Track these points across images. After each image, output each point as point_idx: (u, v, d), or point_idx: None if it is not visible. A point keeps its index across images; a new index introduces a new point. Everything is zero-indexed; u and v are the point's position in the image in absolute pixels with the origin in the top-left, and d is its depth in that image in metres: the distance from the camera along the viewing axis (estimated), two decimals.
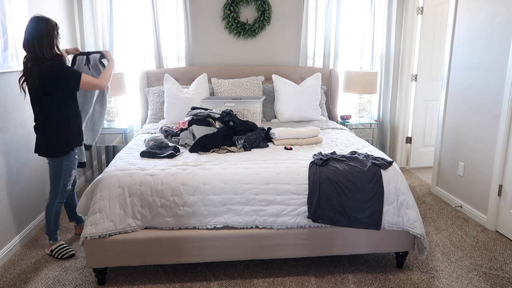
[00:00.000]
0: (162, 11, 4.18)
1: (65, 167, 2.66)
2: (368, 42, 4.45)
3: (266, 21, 4.30)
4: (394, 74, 4.56)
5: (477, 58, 3.30)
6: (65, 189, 2.72)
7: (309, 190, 2.41)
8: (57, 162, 2.64)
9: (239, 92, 4.00)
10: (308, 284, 2.46)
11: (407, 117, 4.67)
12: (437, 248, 2.89)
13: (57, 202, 2.72)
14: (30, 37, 2.43)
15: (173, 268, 2.62)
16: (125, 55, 4.33)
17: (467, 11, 3.42)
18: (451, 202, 3.67)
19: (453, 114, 3.64)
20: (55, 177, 2.67)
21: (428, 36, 4.38)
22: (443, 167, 3.84)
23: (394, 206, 2.45)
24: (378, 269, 2.62)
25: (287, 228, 2.43)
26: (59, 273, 2.58)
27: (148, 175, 2.43)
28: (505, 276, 2.55)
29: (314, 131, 3.16)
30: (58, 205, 2.73)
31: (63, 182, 2.69)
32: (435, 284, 2.46)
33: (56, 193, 2.70)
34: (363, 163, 2.56)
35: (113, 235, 2.34)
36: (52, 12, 3.55)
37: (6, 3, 2.77)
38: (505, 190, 3.04)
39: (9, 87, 2.83)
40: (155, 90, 4.09)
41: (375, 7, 4.37)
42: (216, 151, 2.86)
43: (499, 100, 3.05)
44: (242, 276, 2.54)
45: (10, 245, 2.80)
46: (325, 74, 4.37)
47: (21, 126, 2.99)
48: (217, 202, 2.39)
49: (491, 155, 3.16)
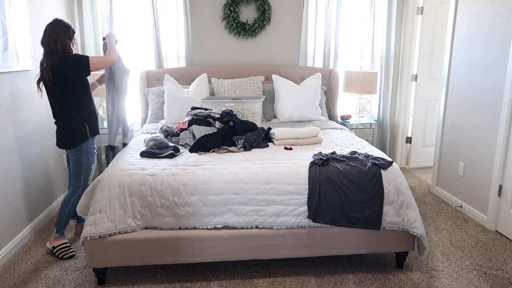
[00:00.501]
0: (162, 11, 4.18)
1: (85, 161, 2.74)
2: (368, 42, 4.45)
3: (266, 21, 4.30)
4: (394, 74, 4.56)
5: (477, 58, 3.30)
6: (86, 183, 2.78)
7: (309, 190, 2.41)
8: (77, 155, 2.71)
9: (239, 92, 4.00)
10: (308, 284, 2.46)
11: (407, 117, 4.67)
12: (437, 248, 2.89)
13: (76, 196, 2.77)
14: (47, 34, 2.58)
15: (173, 268, 2.62)
16: (125, 55, 4.32)
17: (467, 11, 3.42)
18: (451, 202, 3.67)
19: (453, 114, 3.65)
20: (76, 171, 2.75)
21: (428, 36, 4.38)
22: (443, 167, 3.84)
23: (394, 206, 2.45)
24: (378, 269, 2.62)
25: (287, 228, 2.43)
26: (59, 273, 2.58)
27: (148, 175, 2.43)
28: (505, 276, 2.55)
29: (314, 131, 3.16)
30: (76, 199, 2.76)
31: (84, 176, 2.77)
32: (435, 284, 2.46)
33: (77, 187, 2.77)
34: (363, 163, 2.56)
35: (113, 235, 2.34)
36: (52, 12, 3.55)
37: (6, 3, 2.76)
38: (505, 190, 3.04)
39: (9, 87, 2.83)
40: (155, 90, 4.09)
41: (375, 7, 4.37)
42: (216, 151, 2.86)
43: (499, 100, 3.05)
44: (242, 276, 2.54)
45: (10, 245, 2.80)
46: (325, 74, 4.37)
47: (27, 123, 2.99)
48: (217, 202, 2.39)
49: (491, 155, 3.16)
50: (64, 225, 2.80)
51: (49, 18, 2.66)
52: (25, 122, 3.05)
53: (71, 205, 2.77)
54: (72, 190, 2.78)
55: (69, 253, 2.77)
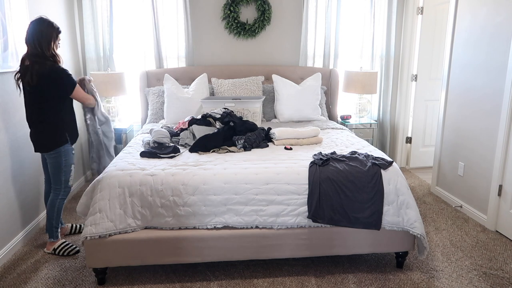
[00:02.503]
0: (162, 11, 4.18)
1: (64, 162, 2.71)
2: (368, 42, 4.45)
3: (266, 21, 4.30)
4: (394, 74, 4.56)
5: (477, 58, 3.30)
6: (67, 184, 2.77)
7: (309, 190, 2.41)
8: (55, 158, 2.68)
9: (239, 92, 4.00)
10: (308, 284, 2.46)
11: (407, 117, 4.67)
12: (437, 248, 2.89)
13: (59, 198, 2.76)
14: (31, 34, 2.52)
15: (173, 268, 2.62)
16: (125, 55, 4.33)
17: (467, 11, 3.42)
18: (451, 202, 3.67)
19: (453, 114, 3.65)
20: (56, 173, 2.72)
21: (428, 36, 4.37)
22: (443, 167, 3.84)
23: (394, 206, 2.45)
24: (378, 269, 2.62)
25: (287, 228, 2.43)
26: (59, 273, 2.58)
27: (148, 175, 2.43)
28: (505, 276, 2.55)
29: (314, 131, 3.16)
30: (60, 201, 2.77)
31: (64, 178, 2.74)
32: (435, 284, 2.46)
33: (59, 189, 2.75)
34: (363, 163, 2.56)
35: (113, 235, 2.34)
36: (52, 12, 3.55)
37: (6, 3, 2.76)
38: (505, 190, 3.04)
39: (8, 87, 2.83)
40: (155, 90, 4.09)
41: (375, 7, 4.37)
42: (216, 151, 2.86)
43: (499, 100, 3.05)
44: (242, 276, 2.54)
45: (10, 245, 2.80)
46: (325, 74, 4.37)
47: (21, 125, 2.99)
48: (217, 202, 2.39)
49: (491, 155, 3.16)
50: (55, 228, 2.79)
51: (49, 18, 2.65)
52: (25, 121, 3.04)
53: (57, 208, 2.75)
54: (54, 193, 2.75)
55: (74, 249, 2.79)
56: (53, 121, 2.63)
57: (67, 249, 2.78)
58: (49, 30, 2.55)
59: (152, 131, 3.05)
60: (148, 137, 3.08)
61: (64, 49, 3.79)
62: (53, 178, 2.73)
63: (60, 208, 2.77)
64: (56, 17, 3.64)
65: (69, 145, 2.73)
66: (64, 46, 3.80)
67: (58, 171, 2.71)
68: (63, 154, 2.69)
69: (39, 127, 2.64)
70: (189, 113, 3.70)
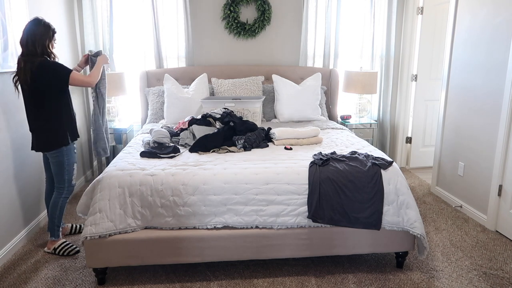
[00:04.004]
0: (162, 11, 4.18)
1: (67, 161, 2.72)
2: (368, 42, 4.45)
3: (266, 21, 4.30)
4: (394, 74, 4.56)
5: (477, 58, 3.30)
6: (70, 183, 2.78)
7: (309, 190, 2.41)
8: (58, 157, 2.69)
9: (239, 92, 4.00)
10: (308, 284, 2.46)
11: (407, 117, 4.67)
12: (437, 248, 2.89)
13: (63, 197, 2.77)
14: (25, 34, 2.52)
15: (173, 268, 2.62)
16: (125, 55, 4.33)
17: (467, 11, 3.42)
18: (451, 202, 3.67)
19: (453, 114, 3.65)
20: (59, 172, 2.73)
21: (428, 36, 4.38)
22: (443, 167, 3.84)
23: (394, 206, 2.45)
24: (378, 269, 2.62)
25: (287, 228, 2.43)
26: (59, 273, 2.58)
27: (148, 175, 2.43)
28: (505, 276, 2.55)
29: (314, 131, 3.16)
30: (63, 200, 2.78)
31: (67, 177, 2.75)
32: (435, 284, 2.46)
33: (62, 188, 2.76)
34: (363, 163, 2.56)
35: (113, 235, 2.34)
36: (52, 12, 3.55)
37: (6, 3, 2.76)
38: (505, 190, 3.04)
39: (9, 86, 2.83)
40: (155, 90, 4.09)
41: (375, 7, 4.37)
42: (216, 151, 2.86)
43: (499, 100, 3.05)
44: (242, 276, 2.54)
45: (11, 243, 2.80)
46: (325, 74, 4.37)
47: (22, 124, 2.99)
48: (217, 202, 2.39)
49: (491, 155, 3.16)
50: (57, 227, 2.80)
51: (49, 18, 2.66)
52: (25, 121, 3.04)
53: (59, 207, 2.76)
54: (57, 192, 2.77)
55: (74, 249, 2.80)
56: (54, 120, 2.63)
57: (67, 249, 2.78)
58: (43, 30, 2.54)
59: (152, 131, 3.05)
60: (148, 137, 3.08)
61: (64, 49, 3.79)
62: (56, 177, 2.75)
63: (63, 207, 2.79)
64: (56, 17, 3.64)
65: (71, 144, 2.74)
66: (64, 46, 3.80)
67: (61, 170, 2.72)
68: (65, 153, 2.70)
69: (40, 127, 2.64)
70: (189, 113, 3.70)
